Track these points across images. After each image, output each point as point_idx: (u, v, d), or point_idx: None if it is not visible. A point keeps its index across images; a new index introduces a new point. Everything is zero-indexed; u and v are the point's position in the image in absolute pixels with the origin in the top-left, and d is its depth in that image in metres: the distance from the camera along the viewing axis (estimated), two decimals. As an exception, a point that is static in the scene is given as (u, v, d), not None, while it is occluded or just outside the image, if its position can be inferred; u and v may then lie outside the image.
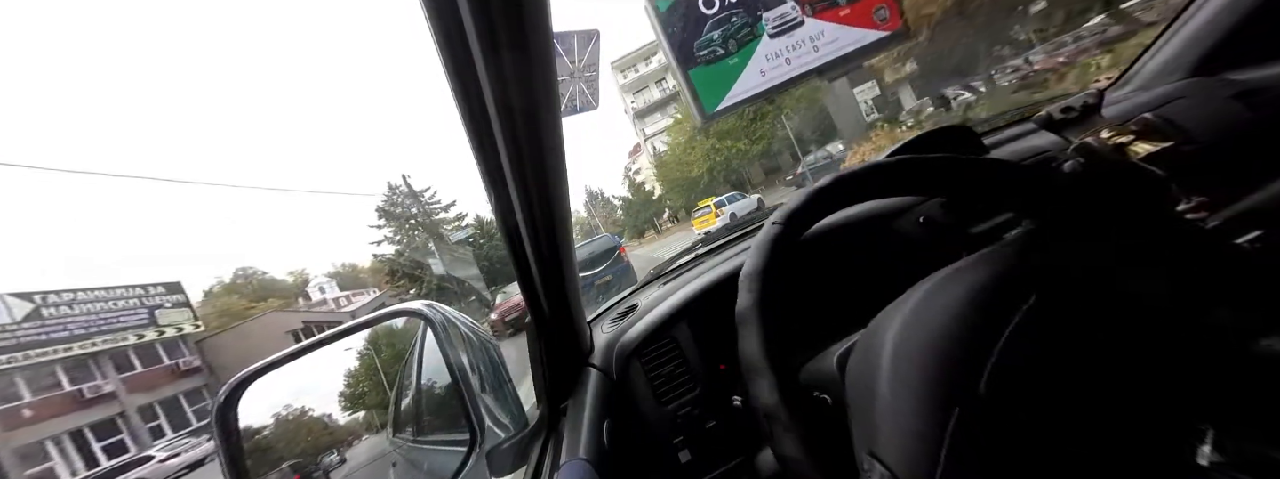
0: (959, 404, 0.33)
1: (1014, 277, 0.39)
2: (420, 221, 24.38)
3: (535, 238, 0.47)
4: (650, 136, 31.52)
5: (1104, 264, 0.40)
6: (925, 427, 0.34)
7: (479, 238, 26.89)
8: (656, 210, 31.86)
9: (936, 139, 0.87)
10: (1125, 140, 0.49)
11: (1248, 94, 0.77)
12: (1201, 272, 0.40)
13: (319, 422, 1.11)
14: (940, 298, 0.40)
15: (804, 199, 0.47)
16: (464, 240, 23.77)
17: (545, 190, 0.41)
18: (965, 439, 0.33)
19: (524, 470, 0.70)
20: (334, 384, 1.05)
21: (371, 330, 0.81)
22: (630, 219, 32.80)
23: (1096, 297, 0.38)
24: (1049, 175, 0.50)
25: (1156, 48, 0.92)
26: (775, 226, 0.45)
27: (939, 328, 0.38)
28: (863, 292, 0.79)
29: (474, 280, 21.96)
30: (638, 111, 32.24)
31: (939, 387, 0.34)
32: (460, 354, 0.71)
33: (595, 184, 47.38)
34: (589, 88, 0.52)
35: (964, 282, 0.41)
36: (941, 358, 0.36)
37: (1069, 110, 0.53)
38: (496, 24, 0.26)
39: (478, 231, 27.42)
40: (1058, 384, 0.35)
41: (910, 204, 0.82)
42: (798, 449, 0.34)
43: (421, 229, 24.50)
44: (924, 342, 0.37)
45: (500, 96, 0.31)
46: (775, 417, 0.36)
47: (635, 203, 32.37)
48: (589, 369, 0.75)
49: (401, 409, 1.22)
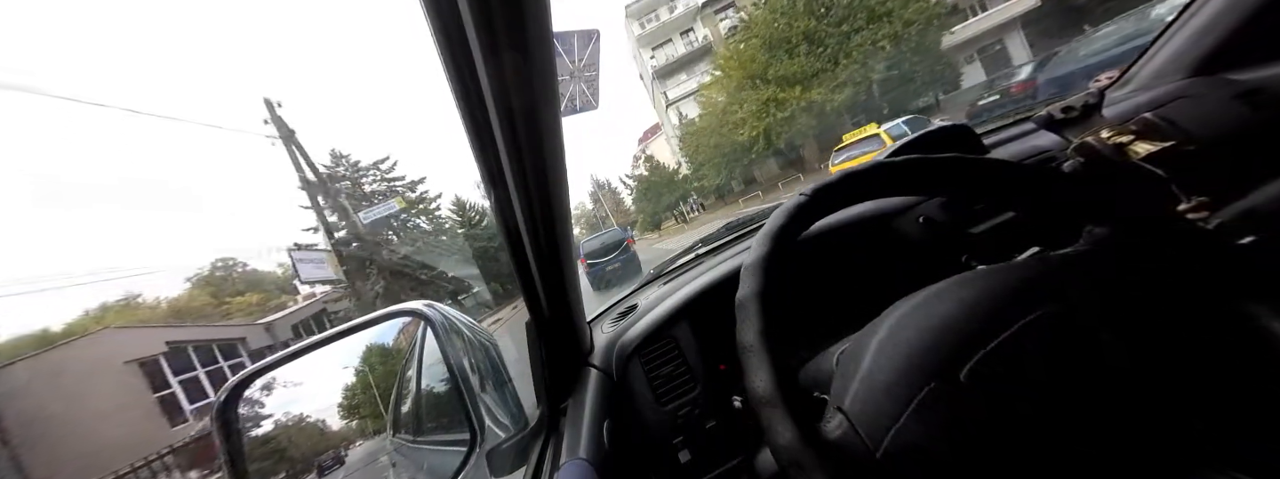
0: (935, 380, 0.35)
1: (1028, 289, 0.40)
2: (354, 193, 20.03)
3: (535, 238, 0.47)
4: (673, 101, 24.99)
5: (1124, 288, 0.40)
6: (896, 389, 0.36)
7: (459, 225, 24.45)
8: (683, 193, 25.82)
9: (937, 139, 0.87)
10: (1125, 140, 0.49)
11: (1248, 94, 0.77)
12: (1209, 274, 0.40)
13: (319, 422, 1.11)
14: (950, 294, 0.41)
15: (806, 196, 0.47)
16: (412, 214, 21.32)
17: (545, 190, 0.41)
18: (931, 408, 0.34)
19: (524, 470, 0.70)
20: (333, 384, 1.05)
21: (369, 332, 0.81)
22: (650, 205, 27.09)
23: (1110, 317, 0.38)
24: (1049, 175, 0.50)
25: (1156, 48, 0.92)
26: (779, 219, 0.46)
27: (938, 317, 0.39)
28: (863, 292, 0.79)
29: (426, 269, 18.89)
30: (658, 71, 25.41)
31: (920, 365, 0.36)
32: (460, 354, 0.71)
33: (602, 174, 45.09)
34: (589, 88, 0.52)
35: (977, 285, 0.41)
36: (931, 341, 0.37)
37: (1069, 110, 0.53)
38: (496, 24, 0.26)
39: (458, 218, 24.91)
40: (1045, 388, 0.35)
41: (910, 204, 0.82)
42: (792, 437, 0.33)
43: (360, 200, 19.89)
44: (920, 325, 0.39)
45: (500, 96, 0.31)
46: (770, 403, 0.35)
47: (656, 184, 26.25)
48: (589, 369, 0.75)
49: (401, 409, 1.22)
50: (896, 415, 0.34)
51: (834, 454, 0.34)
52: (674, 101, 25.00)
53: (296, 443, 1.03)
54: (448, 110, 0.34)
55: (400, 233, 20.51)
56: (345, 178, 20.81)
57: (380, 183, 22.53)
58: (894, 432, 0.34)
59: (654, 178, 26.64)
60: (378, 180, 22.53)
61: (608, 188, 39.18)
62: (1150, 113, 0.72)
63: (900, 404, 0.34)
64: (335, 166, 21.15)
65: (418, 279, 18.07)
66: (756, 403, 0.37)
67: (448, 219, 25.59)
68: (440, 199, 23.16)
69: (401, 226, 20.95)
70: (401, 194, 22.06)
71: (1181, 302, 0.40)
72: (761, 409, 0.36)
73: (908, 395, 0.35)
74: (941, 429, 0.34)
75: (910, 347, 0.37)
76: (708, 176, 20.81)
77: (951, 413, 0.34)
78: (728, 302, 0.46)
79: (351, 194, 19.74)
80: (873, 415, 0.35)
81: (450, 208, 26.37)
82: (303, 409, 0.99)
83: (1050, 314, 0.37)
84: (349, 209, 16.57)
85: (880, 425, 0.34)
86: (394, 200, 19.00)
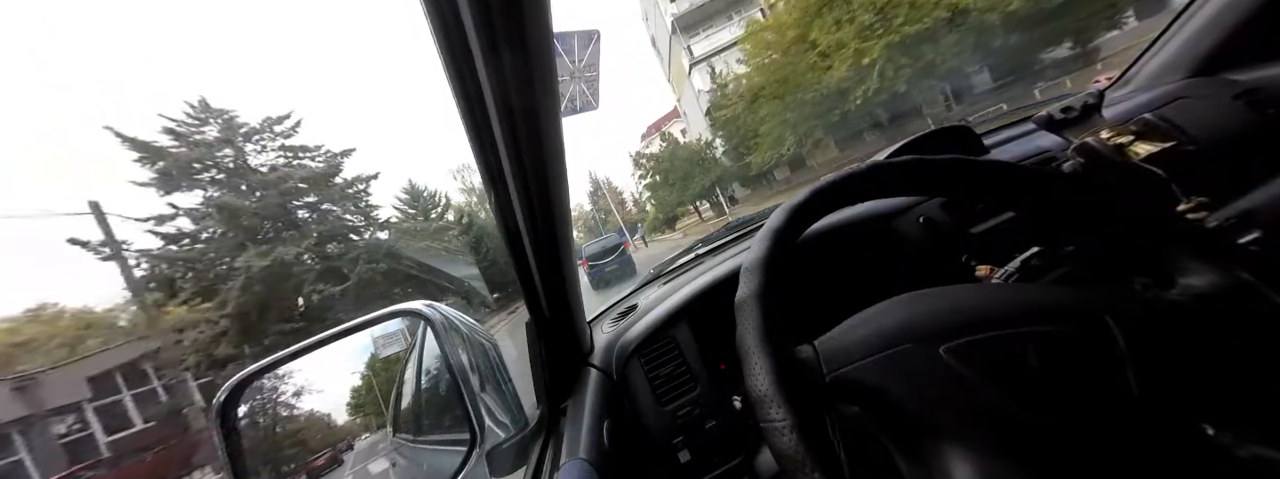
0: (913, 343, 0.36)
1: (1062, 306, 0.38)
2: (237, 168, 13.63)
3: (535, 238, 0.47)
4: (701, 59, 18.99)
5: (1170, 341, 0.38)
6: (870, 340, 0.38)
7: (411, 216, 18.85)
8: (719, 175, 18.57)
9: (937, 139, 0.87)
10: (1125, 140, 0.49)
11: (1248, 94, 0.77)
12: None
13: (319, 421, 1.11)
14: (978, 289, 0.42)
15: (806, 195, 0.47)
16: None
17: (545, 190, 0.41)
18: (895, 360, 0.36)
19: (524, 470, 0.70)
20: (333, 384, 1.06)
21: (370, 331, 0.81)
22: (671, 194, 20.12)
23: (1140, 359, 0.36)
24: (1048, 176, 0.50)
25: (1156, 48, 0.92)
26: (778, 219, 0.46)
27: (952, 298, 0.40)
28: (863, 292, 0.79)
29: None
30: (680, 19, 19.34)
31: (905, 328, 0.38)
32: (460, 354, 0.71)
33: (601, 173, 42.98)
34: (589, 88, 0.52)
35: (1009, 288, 0.42)
36: (925, 314, 0.39)
37: (1069, 110, 0.53)
38: (496, 24, 0.26)
39: (408, 210, 19.47)
40: (1029, 393, 0.34)
41: (910, 204, 0.82)
42: (792, 439, 0.33)
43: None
44: (931, 302, 0.40)
45: (500, 96, 0.31)
46: (769, 403, 0.35)
47: (680, 165, 19.30)
48: (589, 369, 0.75)
49: (401, 409, 1.22)
50: (860, 358, 0.37)
51: (795, 371, 0.36)
52: (702, 59, 19.07)
53: (296, 442, 1.03)
54: (442, 108, 0.34)
55: (305, 225, 14.31)
56: (216, 143, 13.62)
57: (279, 154, 14.90)
58: (852, 367, 0.37)
59: (677, 156, 19.67)
60: (275, 149, 14.87)
61: (608, 185, 37.74)
62: (1150, 113, 0.72)
63: (869, 351, 0.37)
64: (199, 125, 13.66)
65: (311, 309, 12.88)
66: (754, 400, 0.36)
67: (388, 206, 19.56)
68: (375, 181, 15.98)
69: (318, 219, 14.76)
70: (312, 168, 15.05)
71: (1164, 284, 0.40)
72: (758, 406, 0.36)
73: (880, 346, 0.37)
74: (897, 378, 0.36)
75: (905, 315, 0.39)
76: (766, 144, 13.51)
77: (913, 369, 0.36)
78: (728, 302, 0.46)
79: (234, 169, 13.61)
80: (838, 351, 0.38)
81: (400, 197, 20.51)
82: (302, 409, 0.99)
83: (1068, 334, 0.36)
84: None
85: (840, 361, 0.38)
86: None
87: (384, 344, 1.03)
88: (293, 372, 0.75)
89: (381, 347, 1.03)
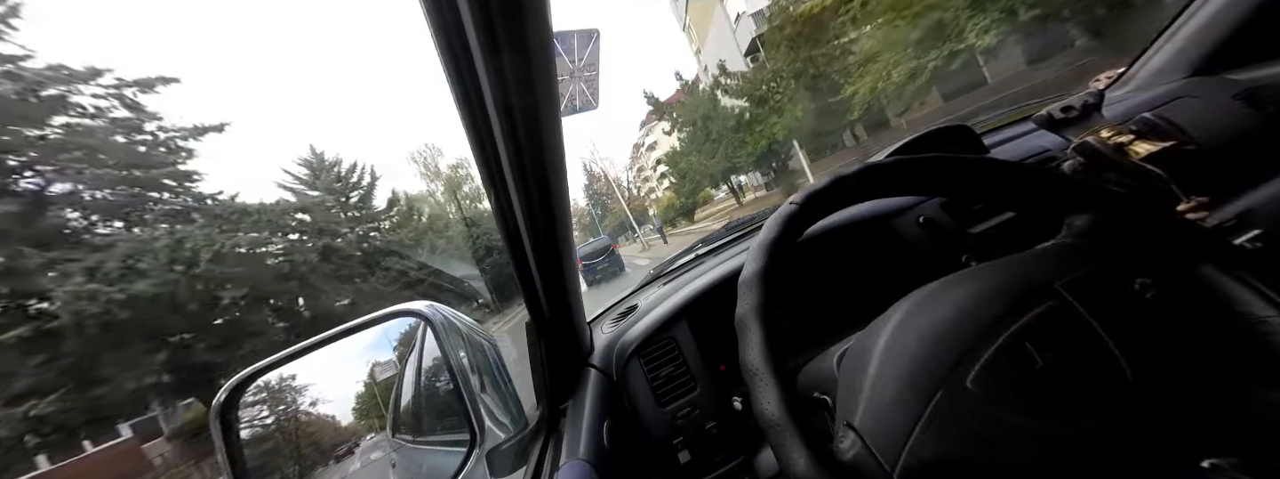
0: (942, 389, 0.34)
1: (1027, 284, 0.40)
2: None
3: (535, 238, 0.47)
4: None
5: (1122, 275, 0.40)
6: (905, 402, 0.35)
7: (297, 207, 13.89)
8: (770, 139, 12.35)
9: (937, 139, 0.87)
10: (1125, 140, 0.49)
11: (1248, 94, 0.77)
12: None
13: (318, 421, 1.11)
14: (947, 294, 0.41)
15: (799, 202, 0.46)
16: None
17: (545, 190, 0.40)
18: (942, 419, 0.34)
19: (524, 471, 0.70)
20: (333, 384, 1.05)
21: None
22: (707, 162, 15.53)
23: (1111, 306, 0.38)
24: (1041, 174, 0.50)
25: (1157, 48, 0.92)
26: (771, 230, 0.45)
27: (937, 322, 0.38)
28: (863, 292, 0.79)
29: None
30: None
31: (926, 374, 0.35)
32: (460, 354, 0.71)
33: (598, 170, 41.41)
34: (589, 88, 0.52)
35: (974, 283, 0.41)
36: (932, 348, 0.37)
37: (1069, 110, 0.53)
38: (496, 24, 0.26)
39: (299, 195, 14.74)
40: (1051, 390, 0.35)
41: (910, 204, 0.82)
42: (807, 464, 0.33)
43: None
44: (921, 331, 0.38)
45: (500, 96, 0.31)
46: (779, 426, 0.35)
47: (716, 130, 14.35)
48: (589, 369, 0.75)
49: (401, 409, 1.22)
50: (908, 431, 0.33)
51: (850, 476, 0.34)
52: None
53: (296, 443, 1.03)
54: (441, 107, 0.34)
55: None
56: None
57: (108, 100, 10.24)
58: (908, 448, 0.33)
59: (708, 121, 14.24)
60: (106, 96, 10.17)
61: (604, 179, 35.84)
62: (1150, 112, 0.72)
63: (912, 418, 0.34)
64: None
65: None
66: (766, 425, 0.36)
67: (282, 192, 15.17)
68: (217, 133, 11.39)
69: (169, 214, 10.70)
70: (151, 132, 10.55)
71: (1163, 282, 0.40)
72: (771, 432, 0.36)
73: (918, 408, 0.34)
74: (955, 441, 0.33)
75: (913, 356, 0.37)
76: (874, 72, 8.64)
77: (962, 424, 0.33)
78: (728, 302, 0.46)
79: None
80: (885, 432, 0.35)
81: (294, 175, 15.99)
82: (302, 409, 0.99)
83: (1042, 314, 0.37)
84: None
85: (894, 442, 0.34)
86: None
87: (384, 344, 1.03)
88: (292, 372, 0.75)
89: (381, 347, 1.03)
